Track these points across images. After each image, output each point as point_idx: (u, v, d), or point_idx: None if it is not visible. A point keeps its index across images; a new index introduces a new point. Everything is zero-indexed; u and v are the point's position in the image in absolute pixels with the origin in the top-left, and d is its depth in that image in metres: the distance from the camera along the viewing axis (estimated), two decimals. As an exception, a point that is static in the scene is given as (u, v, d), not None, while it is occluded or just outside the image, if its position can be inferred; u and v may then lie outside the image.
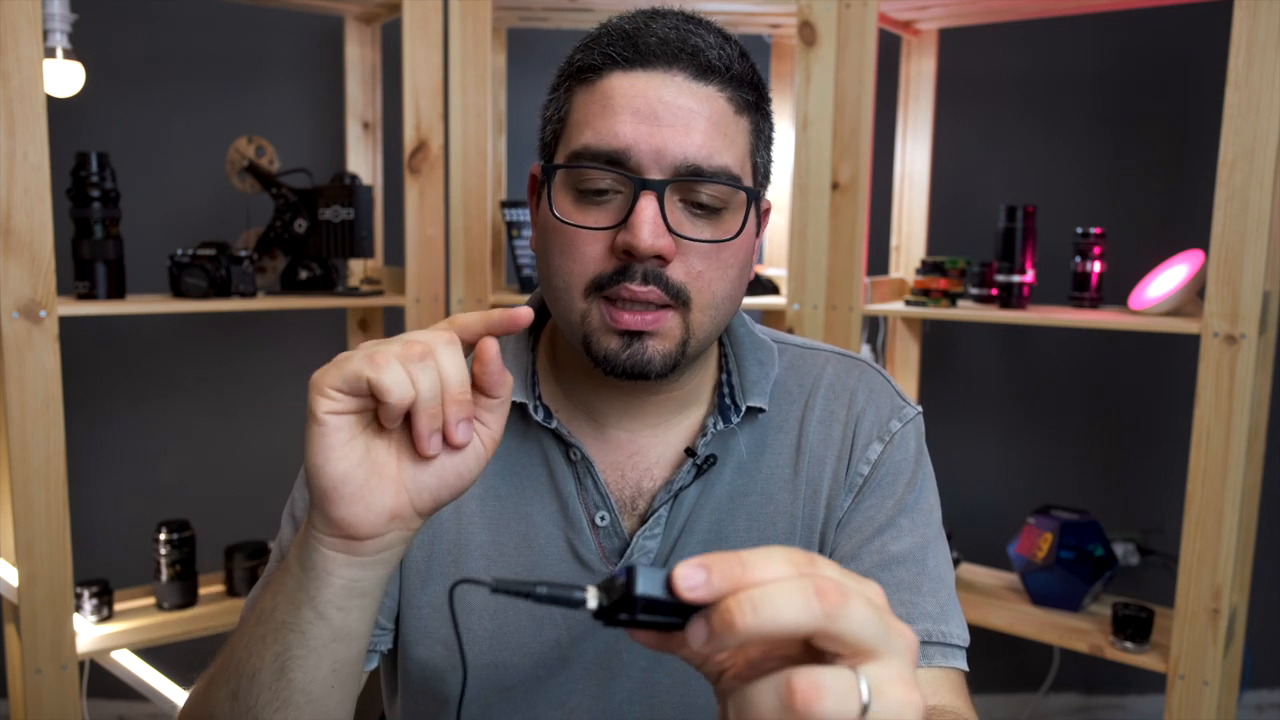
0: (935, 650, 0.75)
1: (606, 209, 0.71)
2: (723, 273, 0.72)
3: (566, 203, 0.71)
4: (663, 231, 0.68)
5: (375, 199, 1.91)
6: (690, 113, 0.69)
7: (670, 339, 0.71)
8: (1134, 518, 2.10)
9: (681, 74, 0.69)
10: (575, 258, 0.71)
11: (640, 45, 0.69)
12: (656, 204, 0.68)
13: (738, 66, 0.71)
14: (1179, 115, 2.13)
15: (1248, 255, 1.40)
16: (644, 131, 0.68)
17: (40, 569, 1.42)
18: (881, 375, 0.86)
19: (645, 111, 0.68)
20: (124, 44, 2.02)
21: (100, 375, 2.11)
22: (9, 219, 1.36)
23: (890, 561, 0.77)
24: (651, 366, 0.71)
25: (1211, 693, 1.47)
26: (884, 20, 1.76)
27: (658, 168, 0.69)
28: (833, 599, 0.38)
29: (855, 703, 0.38)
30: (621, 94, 0.69)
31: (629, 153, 0.68)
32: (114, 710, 2.16)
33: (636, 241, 0.67)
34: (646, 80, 0.69)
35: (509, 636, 0.79)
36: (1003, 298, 1.71)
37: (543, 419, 0.78)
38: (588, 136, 0.70)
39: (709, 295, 0.72)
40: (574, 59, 0.73)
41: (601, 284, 0.70)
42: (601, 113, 0.69)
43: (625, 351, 0.71)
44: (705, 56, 0.69)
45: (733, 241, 0.72)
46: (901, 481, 0.80)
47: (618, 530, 0.79)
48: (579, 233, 0.70)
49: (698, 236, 0.71)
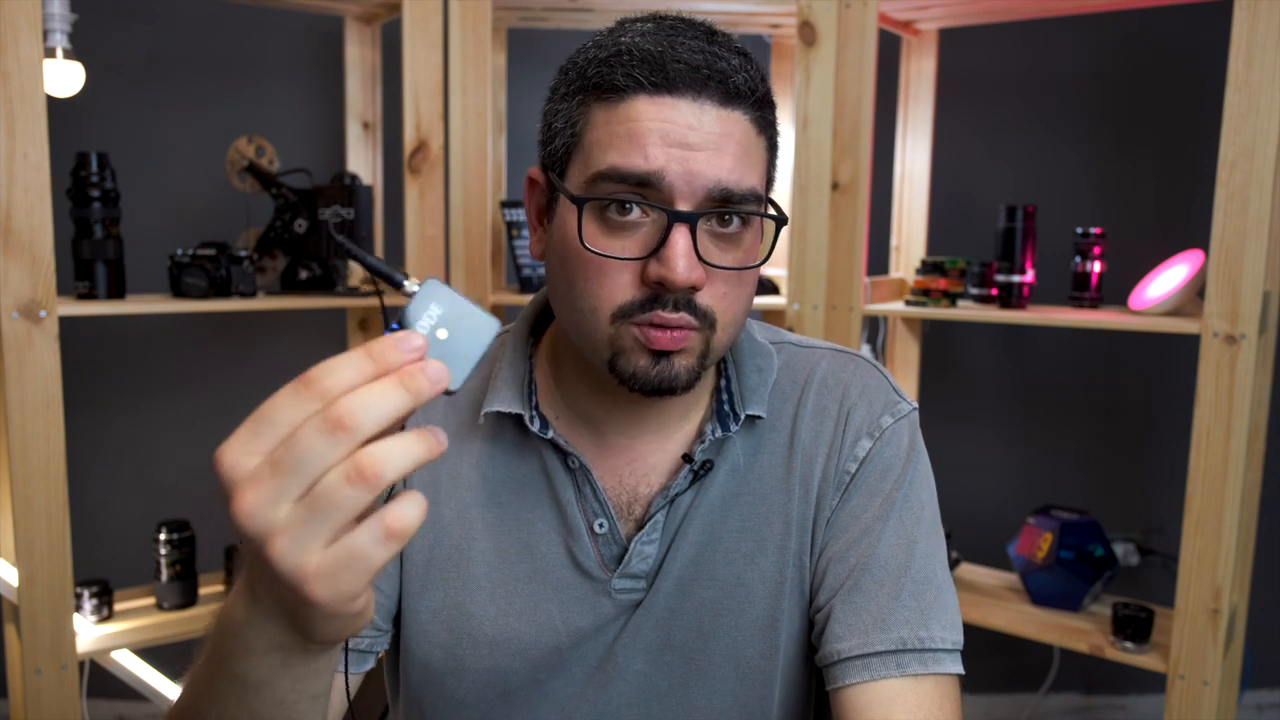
0: (912, 658, 0.73)
1: (635, 236, 0.69)
2: (743, 291, 0.73)
3: (592, 227, 0.70)
4: (696, 264, 0.68)
5: (375, 199, 1.91)
6: (721, 138, 0.68)
7: (693, 355, 0.72)
8: (1134, 518, 2.10)
9: (709, 101, 0.68)
10: (603, 284, 0.70)
11: (670, 72, 0.67)
12: (689, 236, 0.68)
13: (761, 89, 0.71)
14: (1179, 115, 2.13)
15: (1248, 255, 1.40)
16: (675, 155, 0.67)
17: (40, 569, 1.42)
18: (877, 370, 0.85)
19: (675, 138, 0.67)
20: (124, 44, 2.02)
21: (100, 375, 2.11)
22: (9, 219, 1.36)
23: (872, 564, 0.76)
24: (679, 383, 0.71)
25: (1211, 693, 1.47)
26: (884, 20, 1.76)
27: (689, 192, 0.68)
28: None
29: None
30: (649, 118, 0.68)
31: (661, 176, 0.67)
32: (114, 710, 2.16)
33: (673, 276, 0.67)
34: (674, 107, 0.68)
35: (509, 641, 0.79)
36: (1003, 298, 1.71)
37: (539, 429, 0.78)
38: (614, 158, 0.68)
39: (731, 315, 0.72)
40: (588, 73, 0.71)
41: (630, 311, 0.70)
42: (629, 135, 0.68)
43: (654, 369, 0.70)
44: (733, 82, 0.68)
45: None
46: (890, 479, 0.79)
47: (616, 537, 0.79)
48: (607, 260, 0.70)
49: (725, 264, 0.70)
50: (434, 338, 0.48)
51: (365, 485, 0.43)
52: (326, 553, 0.45)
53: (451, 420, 0.83)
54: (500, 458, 0.81)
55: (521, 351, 0.82)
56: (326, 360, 0.45)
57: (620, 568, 0.78)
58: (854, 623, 0.75)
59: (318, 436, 0.44)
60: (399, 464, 0.44)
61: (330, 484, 0.44)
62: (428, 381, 0.45)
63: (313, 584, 0.45)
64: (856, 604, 0.75)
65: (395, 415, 0.44)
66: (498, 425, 0.81)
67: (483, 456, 0.81)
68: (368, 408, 0.44)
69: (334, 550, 0.45)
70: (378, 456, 0.44)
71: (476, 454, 0.81)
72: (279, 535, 0.45)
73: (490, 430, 0.81)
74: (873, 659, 0.73)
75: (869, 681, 0.73)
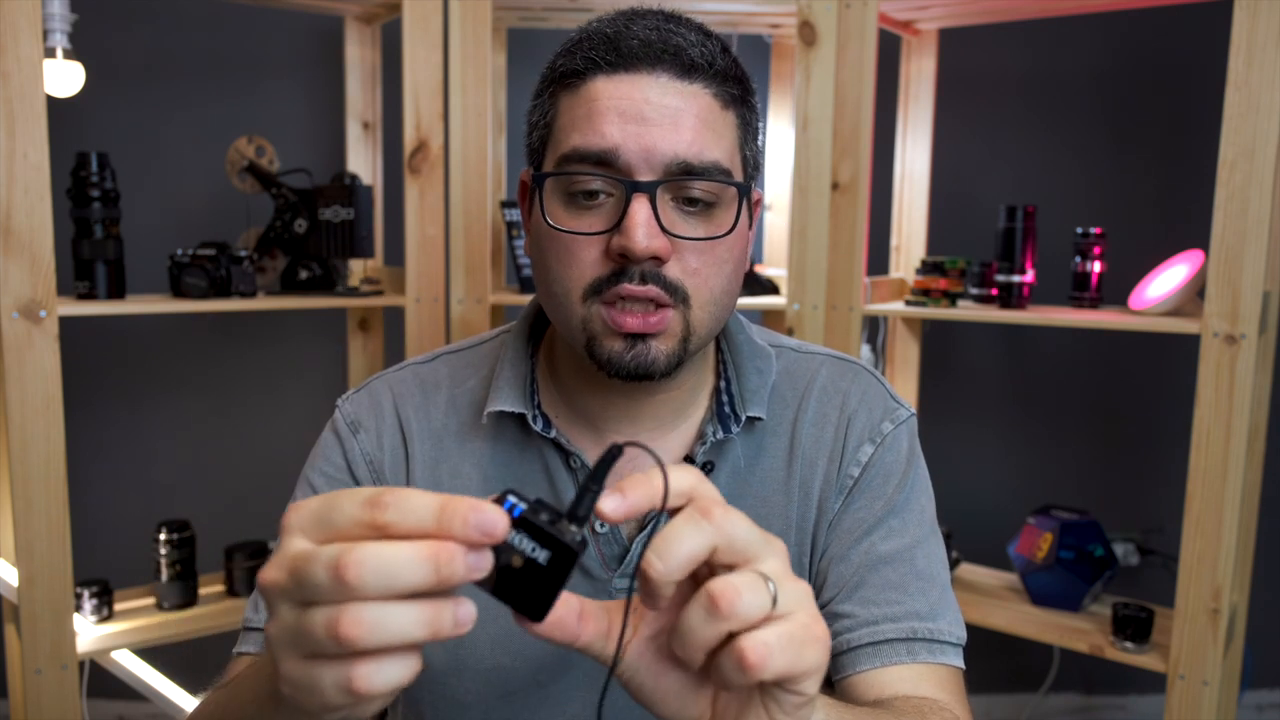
0: (922, 646, 0.75)
1: (599, 213, 0.71)
2: (719, 268, 0.73)
3: (558, 209, 0.72)
4: (657, 232, 0.69)
5: (375, 199, 1.91)
6: (678, 111, 0.69)
7: (672, 338, 0.72)
8: (1134, 518, 2.10)
9: (666, 74, 0.69)
10: (571, 263, 0.71)
11: (622, 48, 0.69)
12: (649, 205, 0.68)
13: (721, 62, 0.71)
14: (1179, 115, 2.13)
15: (1248, 255, 1.40)
16: (632, 131, 0.68)
17: (40, 569, 1.42)
18: (875, 377, 0.86)
19: (632, 113, 0.68)
20: (124, 44, 2.02)
21: (100, 375, 2.11)
22: (9, 219, 1.36)
23: (878, 561, 0.77)
24: (656, 366, 0.72)
25: (1211, 693, 1.47)
26: (884, 20, 1.76)
27: (648, 167, 0.69)
28: (716, 515, 0.45)
29: (766, 594, 0.45)
30: (607, 96, 0.69)
31: (618, 153, 0.68)
32: (114, 710, 2.16)
33: (631, 244, 0.68)
34: (631, 83, 0.69)
35: (510, 641, 0.79)
36: (1003, 298, 1.71)
37: (542, 428, 0.78)
38: (575, 140, 0.70)
39: (707, 292, 0.72)
40: (556, 64, 0.73)
41: (599, 288, 0.70)
42: (587, 115, 0.69)
43: (629, 353, 0.71)
44: (688, 55, 0.69)
45: (727, 237, 0.72)
46: (892, 483, 0.80)
47: (616, 537, 0.79)
48: (574, 238, 0.71)
49: (691, 234, 0.71)
50: (526, 553, 0.44)
51: (335, 642, 0.42)
52: (297, 665, 0.44)
53: (453, 420, 0.83)
54: (502, 457, 0.81)
55: (522, 351, 0.83)
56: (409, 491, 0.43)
57: (621, 567, 0.79)
58: (862, 615, 0.75)
59: (323, 570, 0.42)
60: (382, 638, 0.41)
61: (312, 619, 0.42)
62: (463, 568, 0.42)
63: (281, 681, 0.45)
64: (864, 598, 0.76)
65: (408, 588, 0.42)
66: (500, 425, 0.81)
67: (484, 456, 0.81)
68: (378, 571, 0.41)
69: (302, 668, 0.44)
70: (364, 622, 0.41)
71: (478, 454, 0.81)
72: (273, 620, 0.45)
73: (492, 430, 0.81)
74: (883, 646, 0.74)
75: (880, 668, 0.74)
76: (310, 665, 0.44)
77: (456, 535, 0.42)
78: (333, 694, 0.43)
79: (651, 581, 0.45)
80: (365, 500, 0.43)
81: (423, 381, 0.85)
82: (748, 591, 0.44)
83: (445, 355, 0.88)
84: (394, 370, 0.88)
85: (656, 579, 0.44)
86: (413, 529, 0.42)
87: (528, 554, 0.44)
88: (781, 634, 0.45)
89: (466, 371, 0.86)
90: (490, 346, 0.88)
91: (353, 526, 0.43)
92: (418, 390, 0.85)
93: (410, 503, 0.43)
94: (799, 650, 0.45)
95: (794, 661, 0.45)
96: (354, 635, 0.41)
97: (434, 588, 0.42)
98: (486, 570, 0.43)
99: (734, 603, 0.44)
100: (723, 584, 0.44)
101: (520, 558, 0.44)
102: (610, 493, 0.46)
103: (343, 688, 0.43)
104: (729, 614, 0.44)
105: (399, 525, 0.43)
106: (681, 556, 0.44)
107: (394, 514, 0.43)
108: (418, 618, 0.42)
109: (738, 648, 0.44)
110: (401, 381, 0.86)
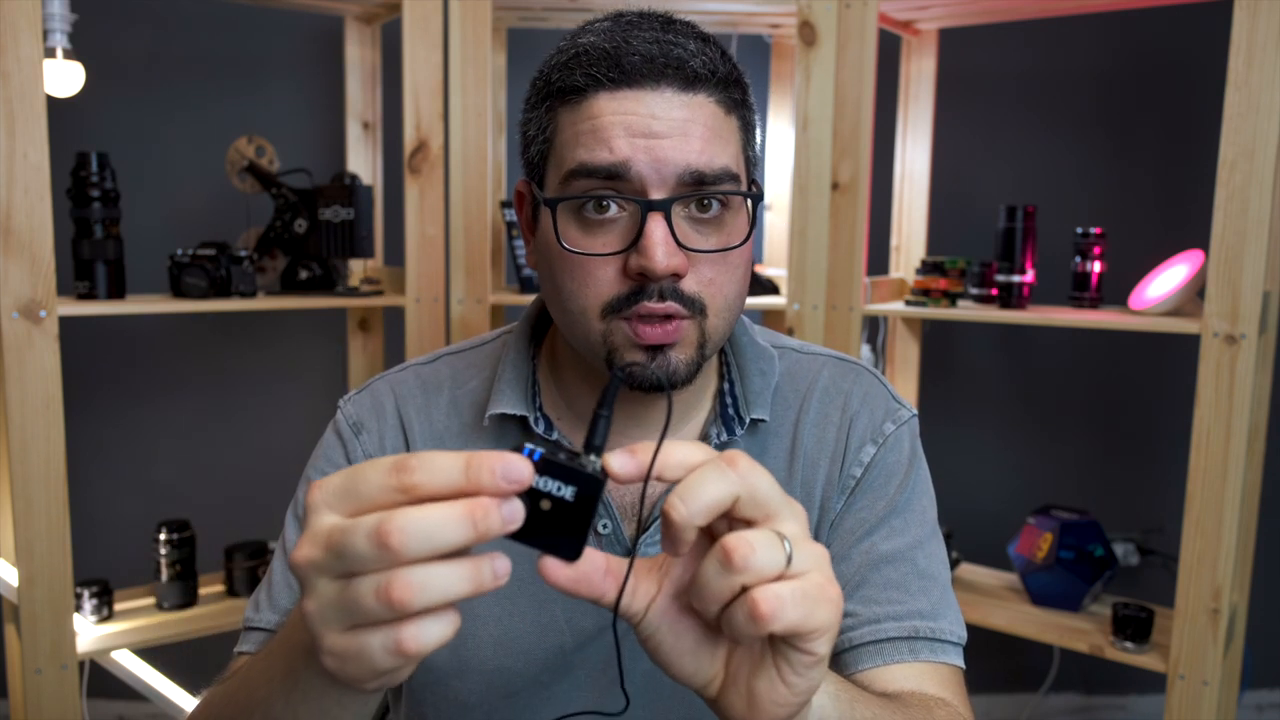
0: (924, 645, 0.75)
1: (613, 230, 0.70)
2: (731, 274, 0.73)
3: (570, 228, 0.71)
4: (674, 250, 0.68)
5: (375, 199, 1.91)
6: (685, 122, 0.68)
7: (690, 346, 0.72)
8: (1134, 518, 2.10)
9: (670, 88, 0.69)
10: (588, 282, 0.70)
11: (624, 65, 0.68)
12: (665, 223, 0.68)
13: (722, 69, 0.71)
14: (1179, 115, 2.13)
15: (1248, 255, 1.40)
16: (641, 145, 0.68)
17: (40, 569, 1.42)
18: (877, 378, 0.86)
19: (639, 127, 0.68)
20: (124, 44, 2.02)
21: (100, 375, 2.11)
22: (9, 219, 1.36)
23: (880, 561, 0.77)
24: (679, 376, 0.72)
25: (1211, 693, 1.47)
26: (884, 20, 1.76)
27: (660, 179, 0.68)
28: (742, 466, 0.47)
29: (780, 552, 0.46)
30: (611, 112, 0.68)
31: (629, 166, 0.68)
32: (114, 710, 2.16)
33: (651, 264, 0.67)
34: (636, 98, 0.68)
35: (513, 642, 0.79)
36: (1003, 298, 1.71)
37: (543, 431, 0.78)
38: (582, 155, 0.69)
39: (722, 300, 0.72)
40: (552, 78, 0.72)
41: (618, 305, 0.70)
42: (593, 131, 0.69)
43: (652, 365, 0.71)
44: (690, 67, 0.69)
45: None
46: (894, 483, 0.81)
47: (620, 538, 0.79)
48: (590, 259, 0.70)
49: (706, 247, 0.71)
50: (553, 493, 0.45)
51: (388, 607, 0.43)
52: (341, 637, 0.45)
53: (455, 421, 0.83)
54: None
55: (524, 353, 0.83)
56: (432, 452, 0.44)
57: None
58: (864, 614, 0.76)
59: (365, 540, 0.43)
60: (432, 597, 0.43)
61: (360, 589, 0.44)
62: (499, 521, 0.43)
63: (324, 656, 0.46)
64: (867, 596, 0.76)
65: (449, 546, 0.43)
66: (501, 427, 0.81)
67: None
68: (420, 534, 0.42)
69: (348, 638, 0.45)
70: (413, 584, 0.43)
71: None
72: (311, 597, 0.46)
73: (494, 431, 0.81)
74: (885, 644, 0.74)
75: (882, 666, 0.74)
76: (356, 635, 0.45)
77: (486, 487, 0.43)
78: (382, 659, 0.45)
79: (674, 525, 0.45)
80: (391, 466, 0.44)
81: (425, 382, 0.85)
82: (761, 547, 0.45)
83: (447, 356, 0.88)
84: (396, 371, 0.88)
85: (679, 522, 0.45)
86: (442, 487, 0.44)
87: (554, 494, 0.45)
88: (795, 589, 0.46)
89: (468, 372, 0.85)
90: (492, 347, 0.87)
91: (382, 494, 0.44)
92: (420, 391, 0.85)
93: (436, 463, 0.44)
94: (811, 607, 0.46)
95: (806, 617, 0.46)
96: (406, 598, 0.43)
97: (473, 543, 0.43)
98: (520, 519, 0.44)
99: (747, 556, 0.45)
100: (737, 538, 0.45)
101: (548, 500, 0.45)
102: (620, 452, 0.46)
103: (392, 651, 0.44)
104: (742, 567, 0.45)
105: (428, 485, 0.44)
106: (704, 501, 0.45)
107: (421, 475, 0.44)
108: (461, 574, 0.44)
109: (750, 598, 0.45)
110: (403, 382, 0.86)
